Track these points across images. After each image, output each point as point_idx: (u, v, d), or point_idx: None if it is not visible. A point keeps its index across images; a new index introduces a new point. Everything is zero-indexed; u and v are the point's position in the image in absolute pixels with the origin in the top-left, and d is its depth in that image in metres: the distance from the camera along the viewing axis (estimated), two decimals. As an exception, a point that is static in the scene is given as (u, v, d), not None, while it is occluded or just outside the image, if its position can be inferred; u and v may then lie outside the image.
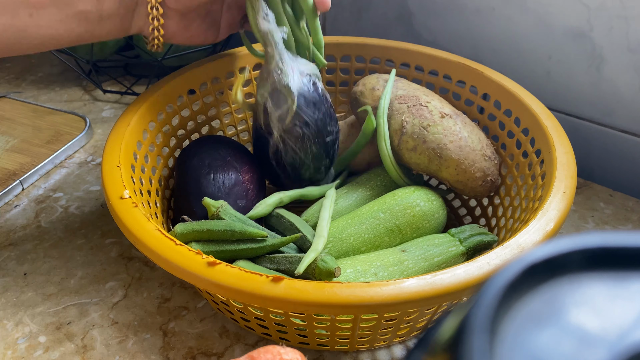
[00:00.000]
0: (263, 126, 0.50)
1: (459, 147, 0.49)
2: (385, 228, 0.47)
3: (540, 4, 0.59)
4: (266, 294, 0.34)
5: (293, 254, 0.44)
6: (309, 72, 0.49)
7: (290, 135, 0.49)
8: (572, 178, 0.43)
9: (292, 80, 0.47)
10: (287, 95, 0.48)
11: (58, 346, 0.45)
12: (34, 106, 0.74)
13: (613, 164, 0.62)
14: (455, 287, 0.34)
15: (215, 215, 0.45)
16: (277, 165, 0.51)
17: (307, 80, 0.48)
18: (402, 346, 0.45)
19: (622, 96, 0.59)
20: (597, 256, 0.15)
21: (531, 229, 0.38)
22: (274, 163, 0.51)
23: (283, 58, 0.48)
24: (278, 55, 0.47)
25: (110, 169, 0.44)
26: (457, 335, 0.14)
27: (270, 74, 0.48)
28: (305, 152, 0.50)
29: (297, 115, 0.48)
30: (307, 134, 0.49)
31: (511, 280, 0.14)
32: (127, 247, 0.54)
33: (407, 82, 0.55)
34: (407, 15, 0.70)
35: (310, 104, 0.48)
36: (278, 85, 0.48)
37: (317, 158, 0.51)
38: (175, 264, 0.36)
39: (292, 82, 0.47)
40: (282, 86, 0.47)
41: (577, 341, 0.13)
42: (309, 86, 0.48)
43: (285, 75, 0.47)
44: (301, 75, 0.48)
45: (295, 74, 0.48)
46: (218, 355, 0.44)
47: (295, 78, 0.48)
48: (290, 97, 0.47)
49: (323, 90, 0.50)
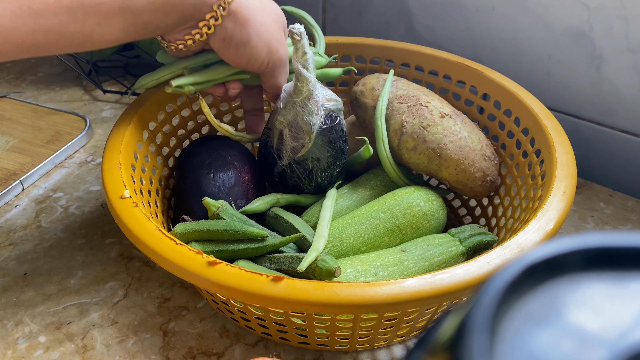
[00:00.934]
0: (274, 148, 0.51)
1: (458, 147, 0.49)
2: (385, 228, 0.48)
3: (540, 4, 0.59)
4: (266, 293, 0.34)
5: (293, 254, 0.44)
6: (333, 107, 0.49)
7: (299, 166, 0.50)
8: (572, 178, 0.43)
9: (315, 119, 0.48)
10: (306, 132, 0.48)
11: (58, 346, 0.45)
12: (34, 106, 0.74)
13: (613, 164, 0.62)
14: (455, 287, 0.34)
15: (215, 215, 0.45)
16: (279, 182, 0.53)
17: (329, 119, 0.49)
18: (402, 346, 0.45)
19: (622, 96, 0.59)
20: (597, 256, 0.15)
21: (531, 228, 0.38)
22: (277, 179, 0.52)
23: (312, 95, 0.48)
24: (308, 92, 0.47)
25: (110, 168, 0.44)
26: (457, 335, 0.14)
27: (295, 105, 0.48)
28: (310, 181, 0.51)
29: (311, 151, 0.49)
30: (316, 168, 0.50)
31: (511, 280, 0.14)
32: (127, 247, 0.54)
33: (407, 82, 0.55)
34: (407, 15, 0.70)
35: (326, 143, 0.49)
36: (299, 120, 0.48)
37: (319, 186, 0.52)
38: (175, 264, 0.36)
39: (315, 121, 0.48)
40: (304, 122, 0.48)
41: (577, 341, 0.13)
42: (330, 124, 0.49)
43: (309, 113, 0.48)
44: (325, 112, 0.48)
45: (320, 112, 0.48)
46: (218, 355, 0.44)
47: (319, 117, 0.48)
48: (309, 135, 0.48)
49: (342, 126, 0.50)
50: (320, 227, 0.45)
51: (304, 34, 0.45)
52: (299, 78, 0.47)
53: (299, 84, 0.47)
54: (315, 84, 0.48)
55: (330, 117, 0.49)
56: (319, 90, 0.48)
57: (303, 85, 0.47)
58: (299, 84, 0.47)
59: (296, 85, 0.47)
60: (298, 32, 0.44)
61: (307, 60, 0.46)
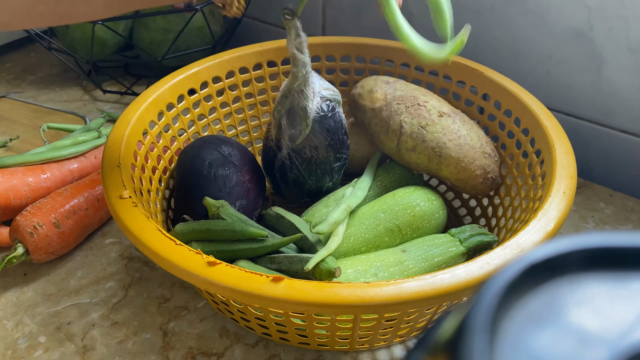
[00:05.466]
0: (274, 140, 0.51)
1: (458, 145, 0.49)
2: (386, 228, 0.48)
3: (540, 4, 0.59)
4: (266, 294, 0.34)
5: (293, 254, 0.44)
6: (330, 97, 0.49)
7: (298, 156, 0.50)
8: (572, 178, 0.43)
9: (310, 104, 0.48)
10: (303, 118, 0.48)
11: (58, 346, 0.45)
12: (34, 106, 0.74)
13: (613, 164, 0.62)
14: (456, 287, 0.34)
15: (215, 215, 0.45)
16: (280, 178, 0.52)
17: (326, 106, 0.49)
18: (402, 346, 0.45)
19: (622, 96, 0.59)
20: (597, 256, 0.15)
21: (531, 229, 0.38)
22: (278, 175, 0.52)
23: (308, 81, 0.48)
24: (303, 77, 0.47)
25: (110, 168, 0.44)
26: (457, 335, 0.14)
27: (291, 92, 0.48)
28: (310, 173, 0.51)
29: (309, 139, 0.49)
30: (315, 157, 0.50)
31: (511, 280, 0.14)
32: (127, 247, 0.54)
33: (405, 83, 0.55)
34: (407, 15, 0.70)
35: (324, 130, 0.49)
36: (296, 106, 0.48)
37: (320, 180, 0.52)
38: (175, 264, 0.36)
39: (311, 106, 0.48)
40: (300, 108, 0.48)
41: (577, 341, 0.13)
42: (327, 112, 0.49)
43: (305, 98, 0.48)
44: (321, 100, 0.48)
45: (316, 99, 0.48)
46: (218, 355, 0.44)
47: (315, 102, 0.48)
48: (306, 120, 0.48)
49: (341, 117, 0.50)
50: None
51: (297, 17, 0.45)
52: (294, 62, 0.47)
53: (294, 69, 0.47)
54: (310, 69, 0.48)
55: (327, 106, 0.49)
56: (315, 77, 0.49)
57: (298, 70, 0.47)
58: (295, 68, 0.47)
59: (292, 70, 0.48)
60: (290, 14, 0.44)
61: (301, 43, 0.46)
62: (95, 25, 0.70)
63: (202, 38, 0.76)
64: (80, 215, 0.52)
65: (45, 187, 0.55)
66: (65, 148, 0.59)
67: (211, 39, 0.76)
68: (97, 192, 0.55)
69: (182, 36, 0.72)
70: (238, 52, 0.58)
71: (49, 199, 0.52)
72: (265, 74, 0.60)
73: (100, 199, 0.55)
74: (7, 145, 0.67)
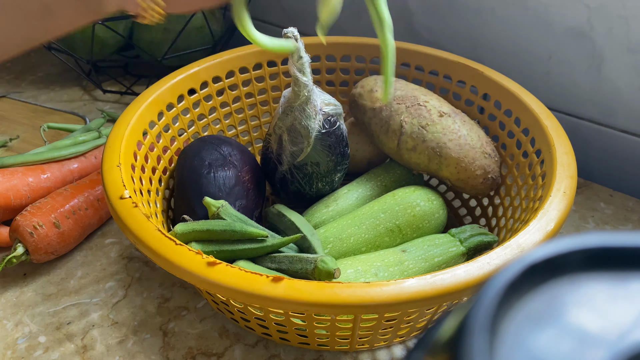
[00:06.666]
0: (274, 154, 0.51)
1: (458, 145, 0.49)
2: (386, 228, 0.48)
3: (540, 4, 0.59)
4: (266, 294, 0.34)
5: (293, 254, 0.44)
6: (332, 112, 0.49)
7: (299, 171, 0.50)
8: (572, 178, 0.43)
9: (312, 123, 0.48)
10: (304, 136, 0.48)
11: (58, 346, 0.45)
12: (34, 106, 0.74)
13: (613, 164, 0.62)
14: (456, 287, 0.34)
15: (215, 215, 0.45)
16: (281, 188, 0.53)
17: (327, 123, 0.49)
18: (402, 346, 0.45)
19: (622, 96, 0.59)
20: (597, 256, 0.15)
21: (531, 229, 0.38)
22: (278, 185, 0.53)
23: (310, 99, 0.48)
24: (305, 96, 0.47)
25: (110, 168, 0.44)
26: (457, 335, 0.14)
27: (293, 110, 0.48)
28: (310, 186, 0.51)
29: (310, 156, 0.49)
30: (316, 172, 0.50)
31: (511, 280, 0.14)
32: (127, 247, 0.54)
33: (405, 83, 0.55)
34: (407, 15, 0.70)
35: (325, 147, 0.49)
36: (297, 125, 0.48)
37: (320, 190, 0.52)
38: (175, 264, 0.36)
39: (313, 125, 0.48)
40: (302, 127, 0.48)
41: (577, 341, 0.13)
42: (329, 128, 0.49)
43: (307, 117, 0.48)
44: (323, 117, 0.48)
45: (318, 117, 0.48)
46: (218, 355, 0.44)
47: (317, 121, 0.48)
48: (307, 140, 0.48)
49: (342, 130, 0.50)
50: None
51: (299, 38, 0.45)
52: (295, 82, 0.47)
53: (296, 89, 0.47)
54: (312, 89, 0.47)
55: (329, 122, 0.49)
56: (316, 94, 0.48)
57: (300, 90, 0.47)
58: (296, 88, 0.47)
59: (293, 89, 0.47)
60: (292, 36, 0.44)
61: (303, 65, 0.46)
62: (95, 25, 0.70)
63: (202, 38, 0.76)
64: (80, 215, 0.52)
65: (45, 187, 0.55)
66: (66, 148, 0.59)
67: (211, 38, 0.76)
68: (97, 192, 0.55)
69: (182, 36, 0.72)
70: (238, 52, 0.58)
71: (49, 199, 0.52)
72: (265, 74, 0.60)
73: (100, 199, 0.55)
74: (7, 145, 0.67)
